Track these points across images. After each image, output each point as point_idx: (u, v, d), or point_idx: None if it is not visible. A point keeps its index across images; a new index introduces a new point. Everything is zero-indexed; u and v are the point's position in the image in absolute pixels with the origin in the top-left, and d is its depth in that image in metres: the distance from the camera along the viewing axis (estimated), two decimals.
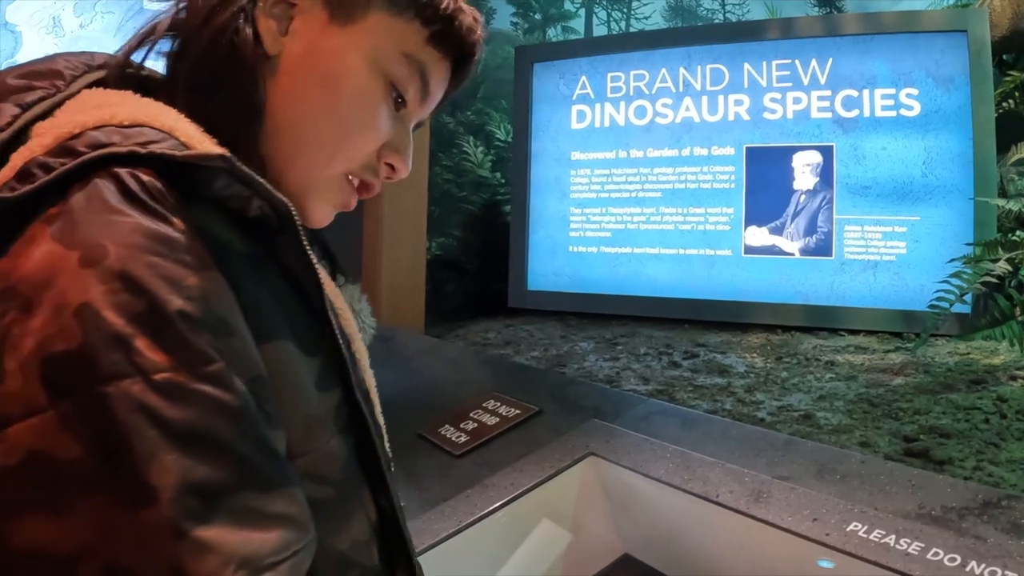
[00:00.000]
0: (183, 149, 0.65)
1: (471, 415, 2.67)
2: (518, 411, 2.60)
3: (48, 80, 0.75)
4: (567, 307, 5.79)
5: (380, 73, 0.82)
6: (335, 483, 0.72)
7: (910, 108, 4.92)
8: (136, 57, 0.82)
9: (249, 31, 0.77)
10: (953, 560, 1.39)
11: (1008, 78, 5.72)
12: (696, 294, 5.34)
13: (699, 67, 5.64)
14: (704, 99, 5.59)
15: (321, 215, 0.86)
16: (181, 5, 0.80)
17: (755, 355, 4.13)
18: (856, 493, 1.70)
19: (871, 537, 1.49)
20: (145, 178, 0.61)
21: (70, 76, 0.77)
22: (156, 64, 0.83)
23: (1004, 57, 6.16)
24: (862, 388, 3.21)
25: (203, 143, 0.68)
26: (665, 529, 1.93)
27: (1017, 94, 5.71)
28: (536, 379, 3.13)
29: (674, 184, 5.61)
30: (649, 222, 5.66)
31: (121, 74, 0.80)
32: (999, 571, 1.34)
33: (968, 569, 1.36)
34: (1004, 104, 5.65)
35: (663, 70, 5.76)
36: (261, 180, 0.68)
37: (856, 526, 1.53)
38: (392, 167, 0.89)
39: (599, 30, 9.83)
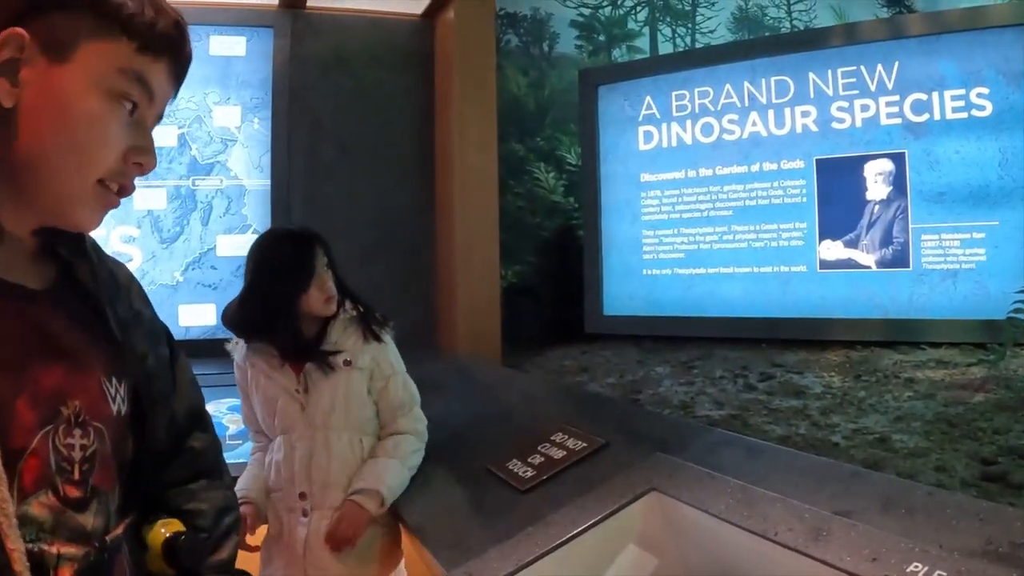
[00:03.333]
0: None
1: (539, 448, 2.67)
2: (585, 444, 2.59)
3: None
4: (643, 331, 5.77)
5: (104, 92, 0.95)
6: None
7: (982, 108, 4.79)
8: None
9: None
10: None
11: None
12: (772, 312, 5.27)
13: (763, 80, 5.58)
14: (770, 112, 5.53)
15: (87, 219, 1.00)
16: None
17: (833, 374, 4.05)
18: (921, 529, 1.65)
19: None
20: None
21: None
22: None
23: None
24: (941, 407, 3.12)
25: None
26: (727, 566, 1.90)
27: None
28: (606, 409, 3.13)
29: (745, 201, 5.56)
30: (721, 241, 5.62)
31: None
32: None
33: None
34: None
35: (727, 85, 5.72)
36: None
37: (916, 567, 1.48)
38: (139, 165, 1.01)
39: (664, 47, 9.75)
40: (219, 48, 4.81)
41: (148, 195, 4.44)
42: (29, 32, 0.91)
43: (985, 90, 4.81)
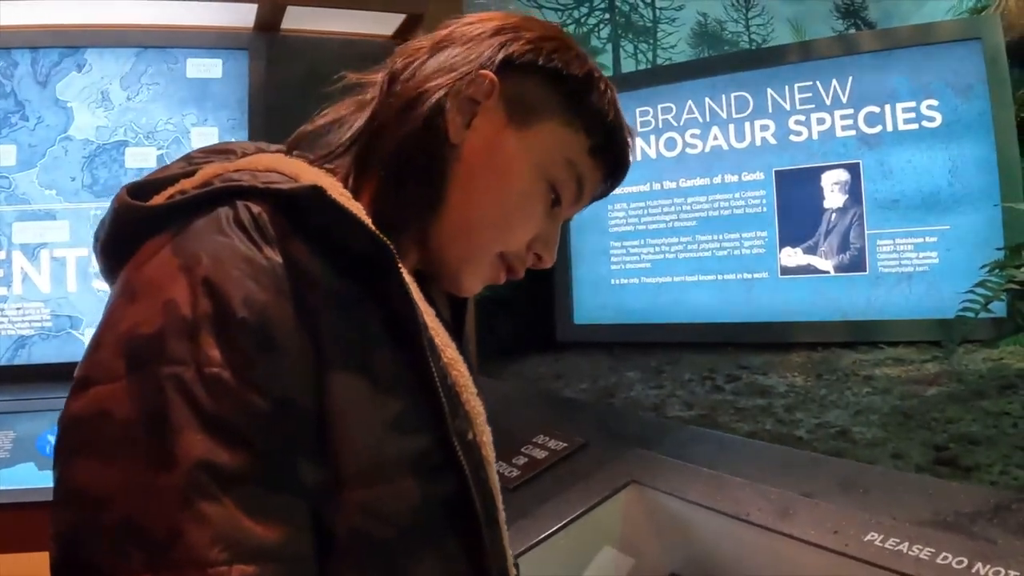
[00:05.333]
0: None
1: (521, 450, 2.79)
2: (566, 444, 2.72)
3: (222, 154, 0.89)
4: (613, 338, 5.90)
5: (544, 176, 0.94)
6: (399, 525, 0.75)
7: (932, 119, 4.99)
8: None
9: (443, 125, 0.88)
10: (961, 563, 1.51)
11: None
12: (736, 317, 5.44)
13: (724, 96, 5.75)
14: (731, 127, 5.71)
15: (472, 285, 0.99)
16: (373, 96, 0.95)
17: (796, 374, 4.23)
18: (876, 504, 1.82)
19: (886, 545, 1.61)
20: (255, 209, 0.74)
21: (241, 152, 0.90)
22: None
23: None
24: (897, 400, 3.30)
25: (322, 182, 0.78)
26: (705, 548, 2.06)
27: None
28: (583, 412, 3.27)
29: (708, 212, 5.73)
30: (686, 250, 5.77)
31: (291, 149, 0.94)
32: (1003, 571, 1.45)
33: (974, 571, 1.47)
34: None
35: (689, 101, 5.89)
36: (359, 217, 0.77)
37: (873, 536, 1.65)
38: (539, 257, 1.01)
39: (627, 63, 9.94)
40: (196, 71, 4.92)
41: None
42: (501, 82, 0.90)
43: (935, 102, 5.01)
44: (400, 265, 0.79)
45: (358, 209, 0.80)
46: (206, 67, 4.94)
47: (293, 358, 0.70)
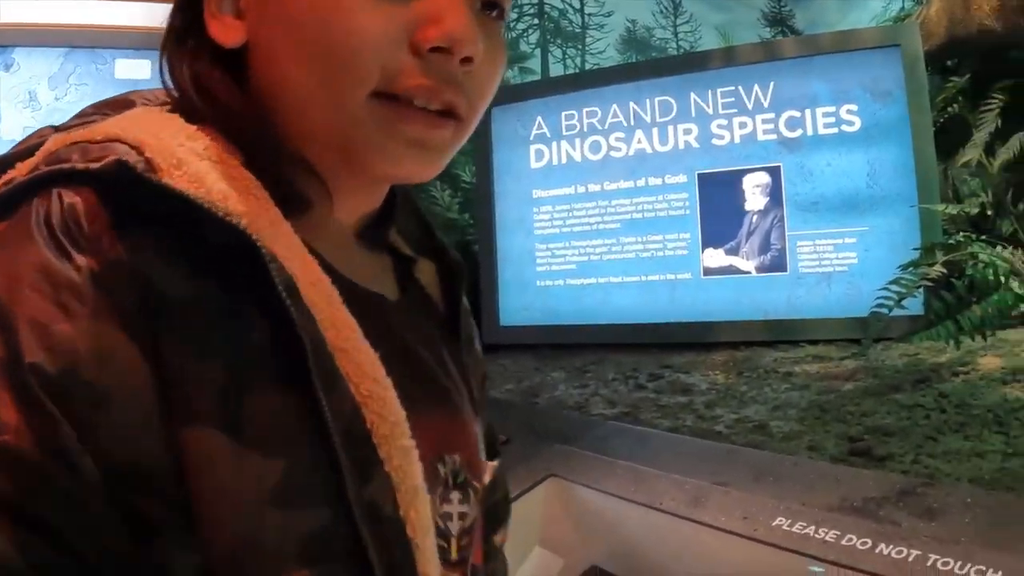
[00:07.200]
0: (137, 165, 0.52)
1: None
2: None
3: (116, 108, 0.65)
4: (539, 340, 5.92)
5: None
6: None
7: (851, 124, 5.11)
8: None
9: (217, 48, 0.61)
10: (865, 544, 1.54)
11: (950, 84, 5.92)
12: (660, 318, 5.51)
13: (648, 100, 5.83)
14: (655, 131, 5.78)
15: (395, 165, 0.62)
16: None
17: (718, 372, 4.28)
18: (787, 492, 1.85)
19: (793, 529, 1.63)
20: (68, 201, 0.51)
21: (141, 103, 0.67)
22: None
23: (948, 63, 6.36)
24: (814, 395, 3.37)
25: (159, 153, 0.54)
26: (624, 538, 2.07)
27: (960, 99, 5.90)
28: (508, 411, 3.28)
29: (632, 214, 5.79)
30: (611, 252, 5.83)
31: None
32: (905, 550, 1.49)
33: (877, 551, 1.51)
34: (949, 109, 5.84)
35: (614, 106, 5.95)
36: (185, 193, 0.52)
37: (781, 520, 1.68)
38: (442, 48, 0.58)
39: (555, 68, 10.01)
40: (124, 71, 4.84)
41: None
42: None
43: (854, 107, 5.14)
44: (271, 254, 0.53)
45: (220, 178, 0.56)
46: (135, 68, 4.86)
47: (122, 405, 0.48)
